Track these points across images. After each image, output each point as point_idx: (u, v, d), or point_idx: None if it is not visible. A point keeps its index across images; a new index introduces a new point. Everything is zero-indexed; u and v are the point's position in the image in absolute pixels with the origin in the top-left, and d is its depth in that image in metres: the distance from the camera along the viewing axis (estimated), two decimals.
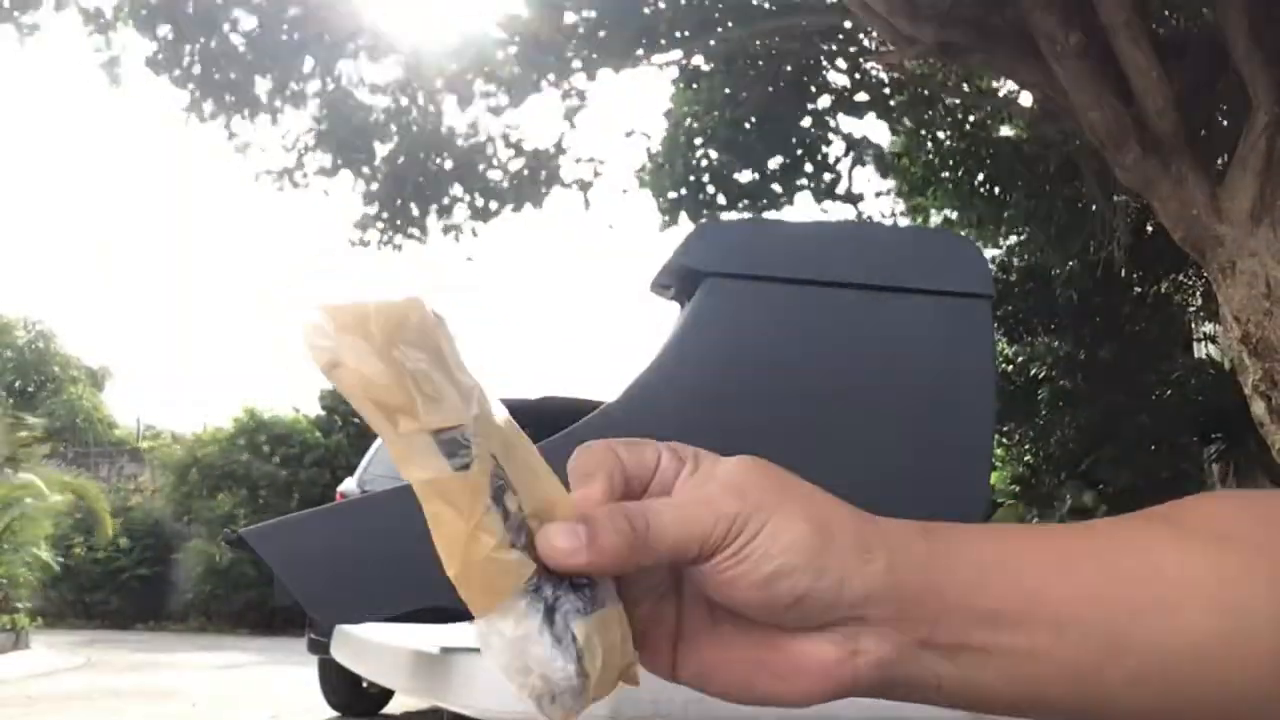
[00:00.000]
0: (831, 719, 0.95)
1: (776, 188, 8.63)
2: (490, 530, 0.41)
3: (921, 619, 0.43)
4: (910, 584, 0.43)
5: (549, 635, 0.41)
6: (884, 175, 9.32)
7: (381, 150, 8.34)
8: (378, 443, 6.22)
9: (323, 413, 15.51)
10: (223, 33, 7.42)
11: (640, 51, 7.65)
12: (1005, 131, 8.71)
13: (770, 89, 8.14)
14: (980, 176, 8.63)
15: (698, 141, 8.58)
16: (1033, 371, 9.63)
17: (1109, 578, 0.46)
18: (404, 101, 8.24)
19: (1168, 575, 0.46)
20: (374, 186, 8.31)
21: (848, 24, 7.28)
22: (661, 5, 7.46)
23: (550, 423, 1.63)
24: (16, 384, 24.05)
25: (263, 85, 7.73)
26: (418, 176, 8.28)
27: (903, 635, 0.43)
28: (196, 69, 7.47)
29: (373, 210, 8.36)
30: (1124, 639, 0.45)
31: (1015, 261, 9.80)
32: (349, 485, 6.06)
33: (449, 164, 8.29)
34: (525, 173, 8.46)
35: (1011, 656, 0.44)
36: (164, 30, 7.33)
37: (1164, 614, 0.45)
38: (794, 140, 8.52)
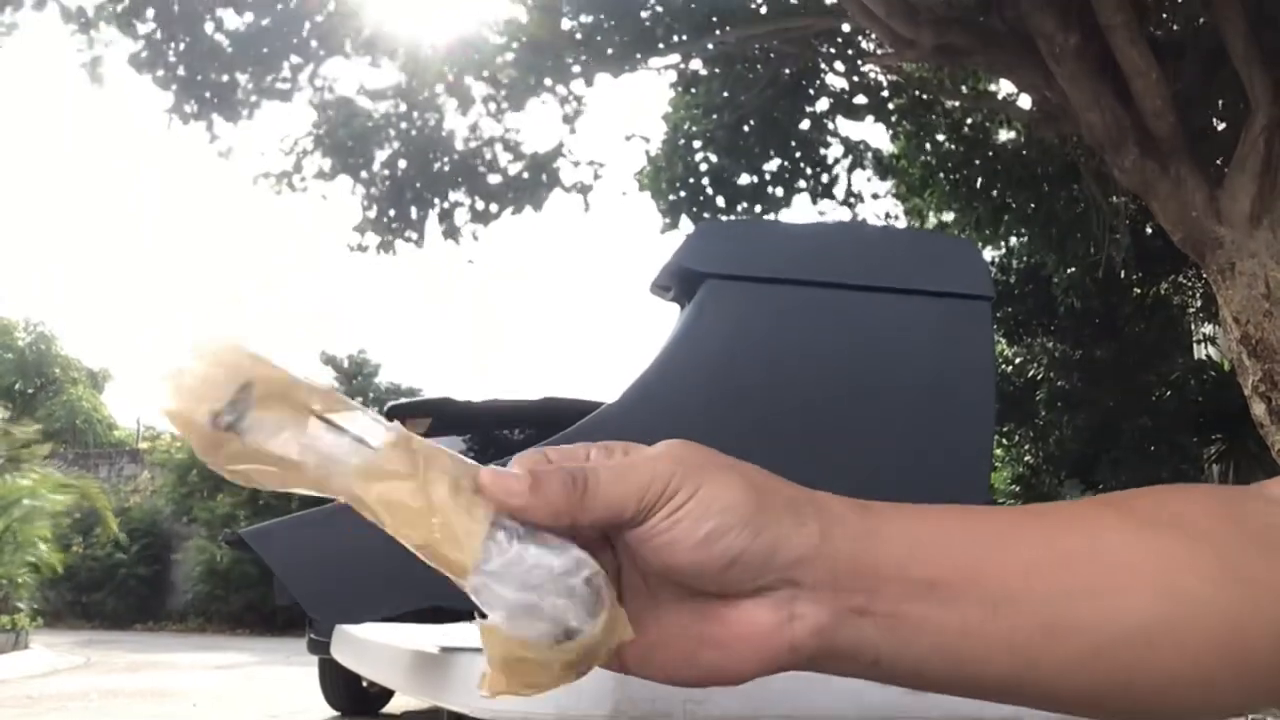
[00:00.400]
0: (834, 718, 0.95)
1: (775, 190, 8.64)
2: (439, 480, 0.41)
3: (856, 588, 0.43)
4: (843, 551, 0.44)
5: (534, 544, 0.41)
6: (883, 178, 9.33)
7: (380, 154, 8.34)
8: None
9: None
10: (205, 32, 7.39)
11: (639, 55, 7.65)
12: (1004, 134, 8.72)
13: (769, 92, 8.15)
14: (979, 179, 8.64)
15: (696, 144, 8.59)
16: (1032, 373, 9.64)
17: (1047, 557, 0.45)
18: (402, 105, 8.24)
19: (1108, 558, 0.46)
20: (373, 190, 8.31)
21: (846, 27, 7.29)
22: (659, 9, 7.47)
23: (550, 423, 1.63)
24: (17, 385, 24.05)
25: (245, 85, 7.71)
26: (416, 180, 8.28)
27: (838, 603, 0.43)
28: (180, 70, 7.44)
29: (372, 214, 8.36)
30: (1061, 619, 0.44)
31: (1015, 263, 9.81)
32: None
33: (448, 167, 8.29)
34: (525, 176, 8.46)
35: (946, 631, 0.44)
36: (146, 29, 7.30)
37: (1103, 595, 0.45)
38: (792, 143, 8.53)
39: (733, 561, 0.42)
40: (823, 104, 8.49)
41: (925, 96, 8.32)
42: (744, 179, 8.61)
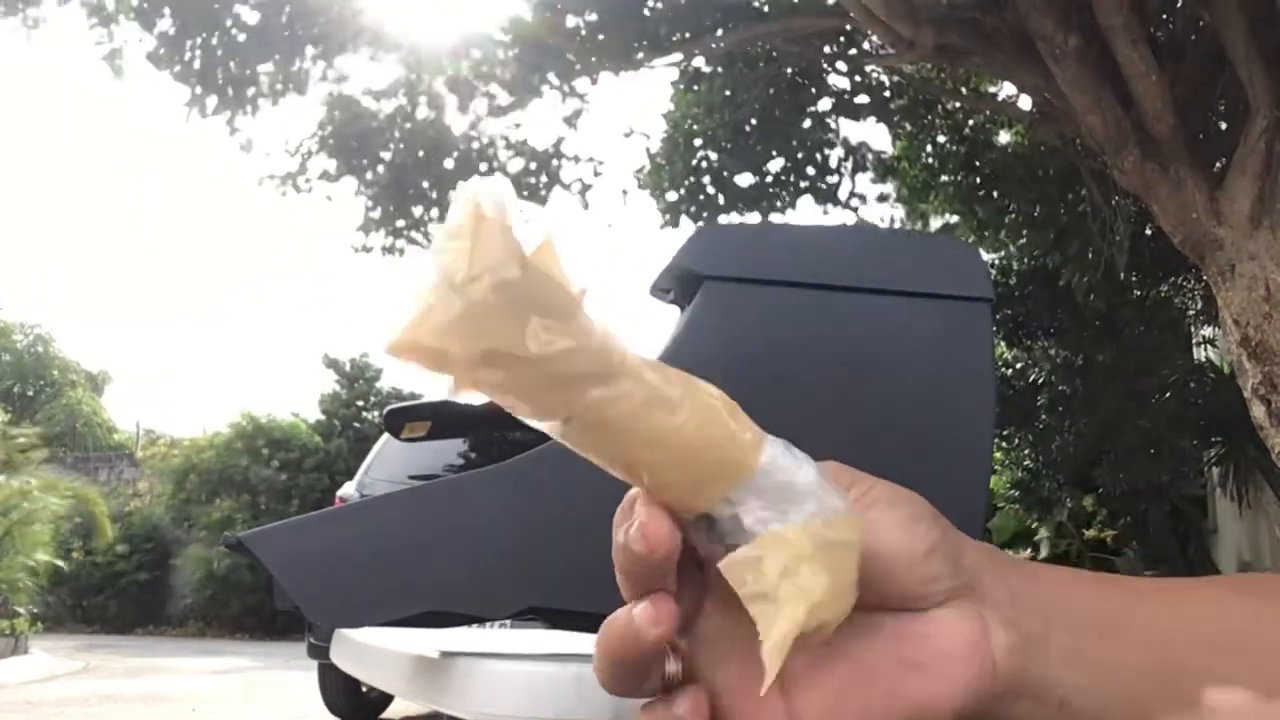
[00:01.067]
0: None
1: (777, 191, 8.63)
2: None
3: (1033, 612, 0.41)
4: (1011, 574, 0.42)
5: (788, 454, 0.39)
6: (883, 179, 9.33)
7: (384, 154, 8.34)
8: (377, 447, 6.22)
9: (322, 417, 15.51)
10: (224, 26, 7.40)
11: (640, 54, 7.65)
12: (1005, 135, 8.73)
13: (770, 91, 8.15)
14: (980, 180, 8.64)
15: (698, 143, 8.59)
16: (1032, 377, 9.64)
17: (1183, 613, 0.44)
18: (406, 105, 8.25)
19: (1238, 622, 0.44)
20: (376, 190, 8.31)
21: (848, 26, 7.29)
22: (661, 7, 7.47)
23: None
24: (15, 388, 24.05)
25: (264, 77, 7.71)
26: (420, 180, 8.28)
27: (1020, 625, 0.40)
28: (197, 64, 7.45)
29: (375, 215, 8.36)
30: (1217, 670, 0.43)
31: (1015, 265, 9.81)
32: (348, 489, 6.06)
33: (451, 166, 8.29)
34: (525, 174, 8.47)
35: (1124, 670, 0.41)
36: (165, 24, 7.31)
37: (1241, 653, 0.43)
38: (794, 143, 8.53)
39: (933, 547, 0.39)
40: (824, 104, 8.49)
41: (927, 98, 8.32)
42: (745, 179, 8.61)
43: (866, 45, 7.77)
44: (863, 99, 8.45)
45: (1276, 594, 0.47)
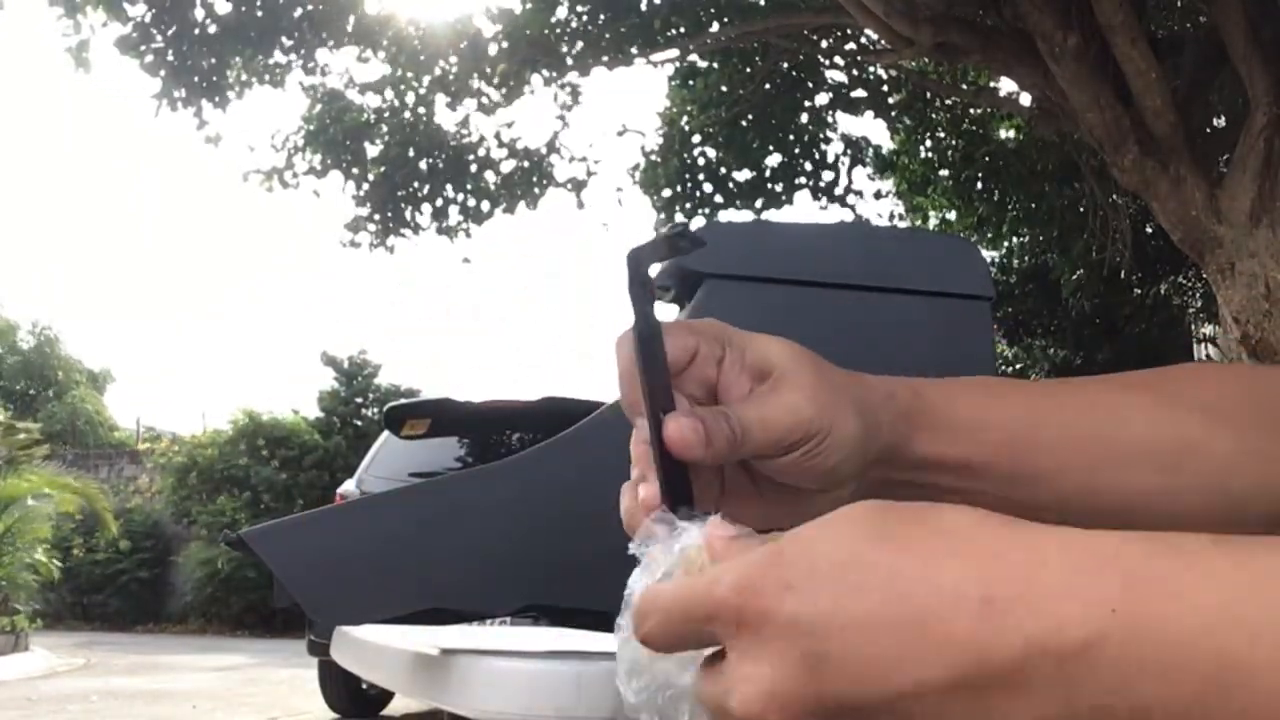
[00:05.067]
0: None
1: (774, 186, 8.62)
2: None
3: (906, 469, 0.51)
4: (899, 439, 0.50)
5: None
6: (882, 174, 9.32)
7: (372, 150, 8.30)
8: (377, 444, 6.22)
9: (322, 415, 15.50)
10: (194, 16, 7.32)
11: (635, 49, 7.63)
12: (1004, 132, 8.72)
13: (767, 86, 8.14)
14: (979, 176, 8.63)
15: (694, 139, 8.57)
16: (1032, 377, 9.63)
17: (1070, 435, 0.52)
18: (394, 100, 8.21)
19: (1125, 436, 0.52)
20: (365, 187, 8.27)
21: (845, 23, 7.28)
22: (657, 3, 7.45)
23: (550, 423, 1.63)
24: (19, 386, 24.07)
25: (236, 69, 7.65)
26: (409, 178, 8.24)
27: (890, 478, 0.51)
28: (169, 55, 7.38)
29: (364, 212, 8.33)
30: (1072, 489, 0.51)
31: (1015, 263, 9.81)
32: (348, 487, 6.06)
33: (441, 164, 8.25)
34: (518, 173, 8.43)
35: (971, 500, 0.48)
36: (136, 12, 7.23)
37: (1114, 470, 0.52)
38: (791, 138, 8.51)
39: (848, 479, 0.49)
40: (822, 98, 8.47)
41: (925, 92, 8.31)
42: (742, 175, 8.59)
43: (864, 40, 7.76)
44: (860, 94, 8.43)
45: (1193, 401, 0.54)
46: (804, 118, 8.47)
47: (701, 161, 8.62)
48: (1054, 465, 0.51)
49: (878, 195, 9.66)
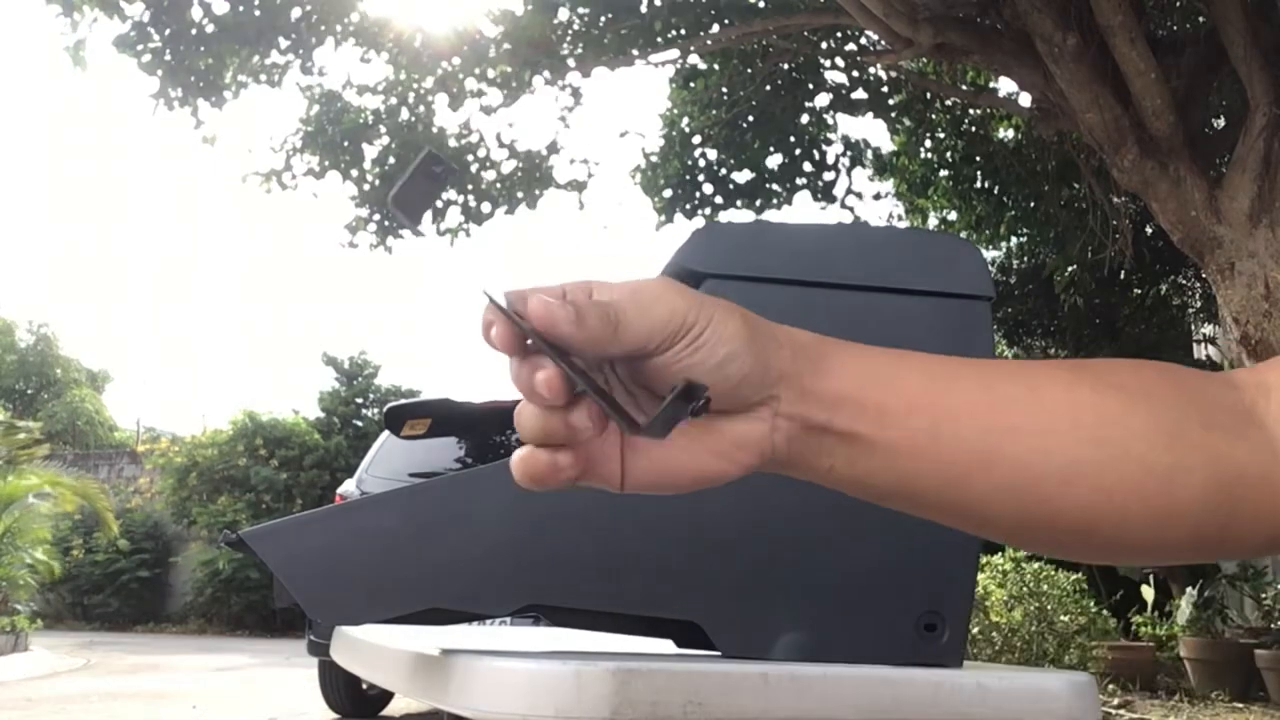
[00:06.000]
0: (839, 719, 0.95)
1: (774, 187, 8.62)
2: None
3: (819, 407, 0.50)
4: (807, 374, 0.51)
5: None
6: (881, 175, 9.32)
7: (371, 152, 8.30)
8: (377, 444, 6.22)
9: (322, 415, 15.51)
10: (192, 16, 7.32)
11: (635, 51, 7.63)
12: (1004, 132, 8.72)
13: (767, 87, 8.14)
14: (979, 176, 8.63)
15: (695, 140, 8.58)
16: None
17: (987, 399, 0.52)
18: (393, 101, 8.21)
19: (1046, 403, 0.52)
20: (364, 189, 8.27)
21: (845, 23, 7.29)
22: (658, 4, 7.45)
23: None
24: (18, 386, 24.07)
25: (233, 68, 7.64)
26: None
27: (806, 418, 0.50)
28: (166, 54, 7.37)
29: (364, 213, 8.33)
30: (994, 451, 0.51)
31: (1015, 264, 9.81)
32: (348, 487, 6.06)
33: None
34: (518, 174, 8.43)
35: (893, 450, 0.51)
36: (134, 11, 7.23)
37: (1033, 435, 0.51)
38: (791, 139, 8.51)
39: (742, 380, 0.49)
40: (821, 99, 8.47)
41: (925, 93, 8.31)
42: (742, 176, 8.59)
43: (864, 41, 7.76)
44: (860, 95, 8.43)
45: (1113, 380, 0.54)
46: (804, 119, 8.47)
47: (702, 163, 8.62)
48: (972, 419, 0.51)
49: (877, 196, 9.66)
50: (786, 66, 8.09)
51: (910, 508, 0.53)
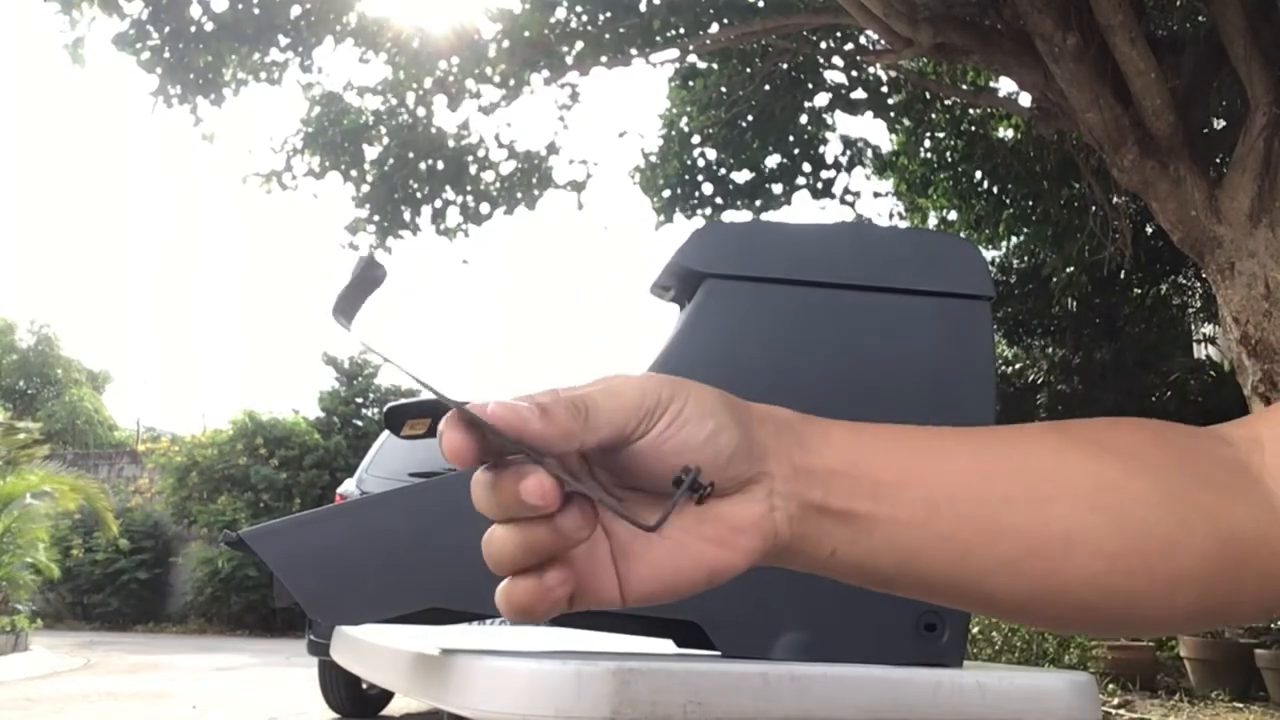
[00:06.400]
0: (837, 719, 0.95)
1: (774, 187, 8.62)
2: None
3: (813, 484, 0.48)
4: (796, 450, 0.48)
5: None
6: (881, 174, 9.32)
7: (371, 152, 8.30)
8: (377, 444, 6.22)
9: (322, 414, 15.51)
10: (191, 14, 7.32)
11: (635, 50, 7.63)
12: (1004, 132, 8.72)
13: (766, 87, 8.14)
14: (979, 175, 8.63)
15: (694, 140, 8.58)
16: (1031, 377, 9.64)
17: (982, 467, 0.50)
18: (393, 102, 8.20)
19: (1040, 472, 0.50)
20: (364, 189, 8.27)
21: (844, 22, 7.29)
22: (657, 3, 7.45)
23: None
24: (19, 385, 24.09)
25: (232, 66, 7.64)
26: (408, 179, 8.24)
27: (802, 496, 0.47)
28: (165, 52, 7.37)
29: (363, 213, 8.33)
30: (994, 522, 0.49)
31: (1015, 263, 9.81)
32: (348, 486, 6.06)
33: (440, 165, 8.25)
34: (518, 175, 8.43)
35: (892, 526, 0.48)
36: (133, 9, 7.23)
37: (1035, 505, 0.49)
38: (790, 139, 8.52)
39: (733, 454, 0.46)
40: (821, 99, 8.48)
41: (924, 93, 8.31)
42: (741, 175, 8.59)
43: (864, 41, 7.76)
44: (860, 94, 8.43)
45: (1106, 444, 0.52)
46: (803, 118, 8.48)
47: (701, 162, 8.63)
48: (968, 491, 0.49)
49: (877, 195, 9.66)
50: (786, 66, 8.09)
51: (917, 591, 0.51)
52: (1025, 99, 6.70)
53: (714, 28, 7.57)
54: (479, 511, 0.44)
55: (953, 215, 8.99)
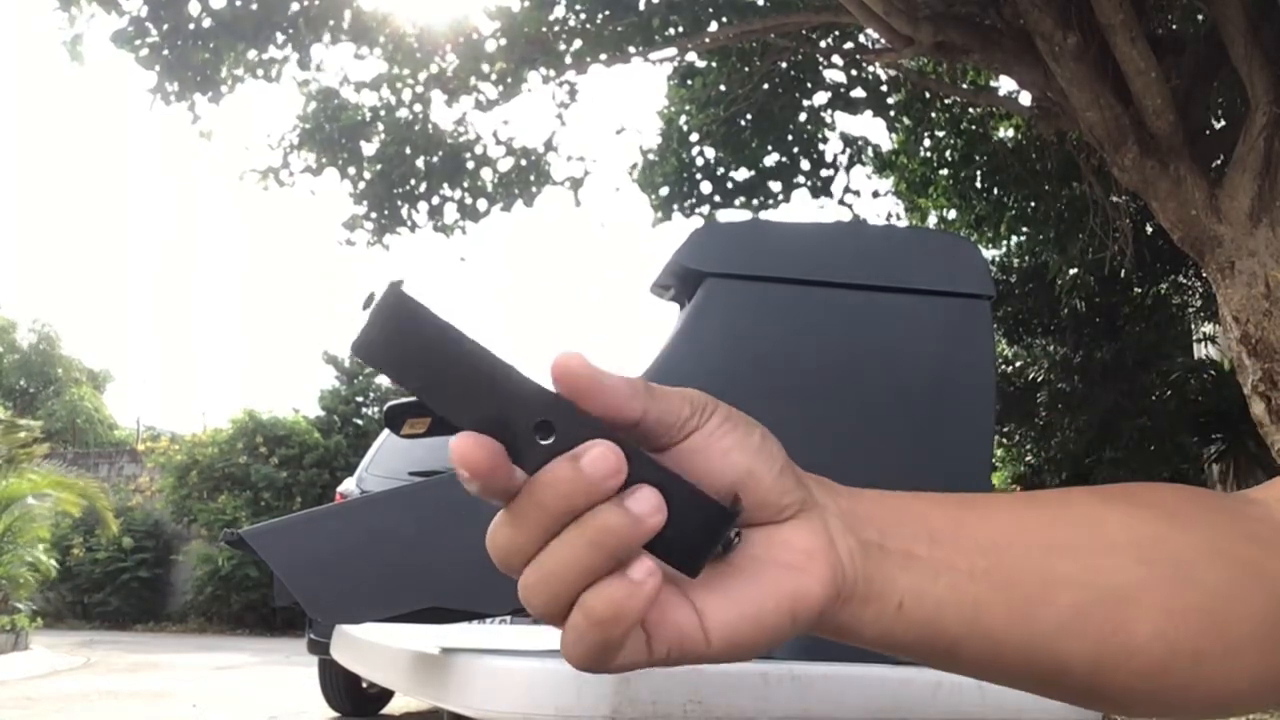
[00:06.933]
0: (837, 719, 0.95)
1: (773, 185, 8.62)
2: None
3: (866, 524, 0.44)
4: (838, 493, 0.45)
5: None
6: (881, 174, 9.33)
7: (368, 149, 8.30)
8: (377, 443, 6.22)
9: (322, 413, 15.51)
10: (189, 11, 7.31)
11: (633, 48, 7.63)
12: (1004, 131, 8.72)
13: (766, 85, 8.13)
14: (979, 175, 8.63)
15: (693, 138, 8.57)
16: (1031, 375, 9.64)
17: (1025, 520, 0.48)
18: (390, 98, 8.20)
19: (1085, 524, 0.48)
20: (361, 186, 8.27)
21: (844, 21, 7.28)
22: (655, 0, 7.45)
23: None
24: (19, 384, 24.10)
25: (230, 63, 7.64)
26: (406, 176, 8.24)
27: (859, 533, 0.44)
28: (164, 49, 7.37)
29: (361, 210, 8.33)
30: (1052, 572, 0.46)
31: (1015, 262, 9.81)
32: (348, 486, 6.06)
33: (437, 162, 8.24)
34: (515, 172, 8.43)
35: (954, 573, 0.45)
36: (131, 6, 7.22)
37: (1086, 555, 0.47)
38: (789, 137, 8.51)
39: (785, 465, 0.43)
40: (820, 98, 8.47)
41: (924, 92, 8.31)
42: (740, 174, 8.59)
43: (863, 39, 7.76)
44: (859, 93, 8.43)
45: (1142, 500, 0.50)
46: (803, 117, 8.47)
47: (700, 161, 8.62)
48: (1021, 539, 0.47)
49: (876, 195, 9.66)
50: (785, 65, 8.09)
51: (988, 657, 0.46)
52: (1025, 98, 6.70)
53: (713, 26, 7.57)
54: (521, 522, 0.39)
55: (952, 215, 8.99)
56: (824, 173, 8.65)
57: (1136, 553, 0.47)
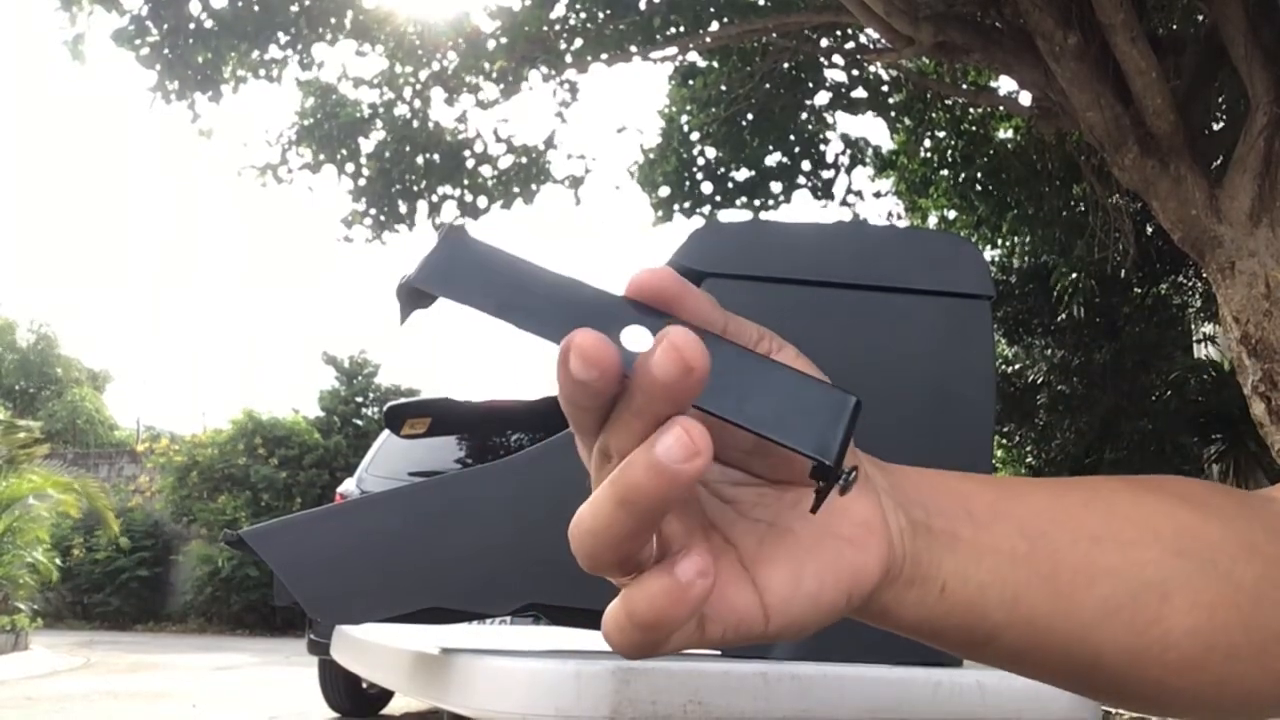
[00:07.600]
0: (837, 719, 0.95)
1: (773, 185, 8.62)
2: None
3: (912, 501, 0.43)
4: (882, 467, 0.44)
5: None
6: (881, 174, 9.33)
7: (367, 146, 8.30)
8: (377, 444, 6.22)
9: (321, 414, 15.51)
10: (190, 11, 7.32)
11: (634, 47, 7.63)
12: (1004, 132, 8.72)
13: (767, 85, 8.14)
14: (979, 175, 8.63)
15: (693, 138, 8.58)
16: (1031, 377, 9.64)
17: (1063, 506, 0.46)
18: (390, 95, 8.20)
19: (1122, 512, 0.47)
20: (360, 183, 8.27)
21: (845, 21, 7.28)
22: (657, 1, 7.45)
23: (550, 423, 1.63)
24: (19, 385, 24.11)
25: (231, 62, 7.64)
26: (405, 173, 8.24)
27: (907, 510, 0.42)
28: (165, 48, 7.37)
29: (360, 207, 8.33)
30: (1091, 562, 0.45)
31: (1015, 263, 9.81)
32: (348, 486, 6.06)
33: (437, 159, 8.25)
34: (515, 170, 8.43)
35: (996, 555, 0.43)
36: (132, 5, 7.23)
37: (1124, 547, 0.45)
38: (790, 137, 8.52)
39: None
40: (821, 98, 8.48)
41: (925, 92, 8.32)
42: (741, 174, 8.59)
43: (864, 39, 7.76)
44: (860, 93, 8.43)
45: (1174, 491, 0.49)
46: (803, 117, 8.48)
47: (700, 160, 8.62)
48: (1057, 527, 0.45)
49: (877, 195, 9.66)
50: (786, 64, 8.09)
51: (1025, 644, 0.45)
52: (1026, 98, 6.70)
53: (714, 25, 7.57)
54: (625, 426, 0.35)
55: (953, 215, 8.99)
56: (825, 173, 8.65)
57: (1170, 543, 0.46)
